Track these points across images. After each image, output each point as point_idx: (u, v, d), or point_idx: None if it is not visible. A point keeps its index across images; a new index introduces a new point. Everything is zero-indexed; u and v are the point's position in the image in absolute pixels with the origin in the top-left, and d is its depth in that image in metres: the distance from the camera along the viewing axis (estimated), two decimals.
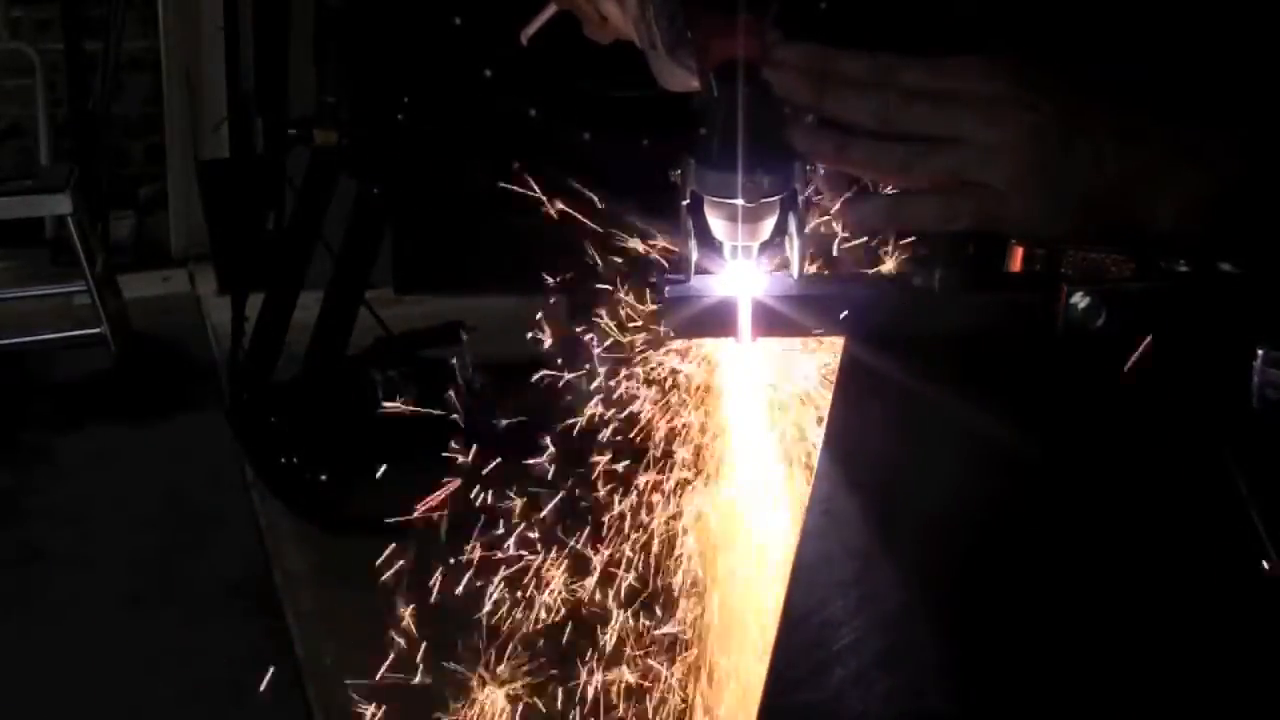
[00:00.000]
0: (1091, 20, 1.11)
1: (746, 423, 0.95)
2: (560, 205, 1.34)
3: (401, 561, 2.12)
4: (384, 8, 3.18)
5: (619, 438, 1.04)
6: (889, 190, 0.93)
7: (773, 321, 0.88)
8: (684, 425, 0.99)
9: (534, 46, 1.41)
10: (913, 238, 0.94)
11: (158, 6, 5.68)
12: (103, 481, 3.80)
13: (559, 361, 1.14)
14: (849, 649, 0.60)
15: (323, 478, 3.54)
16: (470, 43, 3.01)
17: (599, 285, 0.95)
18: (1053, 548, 0.67)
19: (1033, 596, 0.63)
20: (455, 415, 3.85)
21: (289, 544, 3.46)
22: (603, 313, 0.97)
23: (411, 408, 3.86)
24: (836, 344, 0.96)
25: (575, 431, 1.24)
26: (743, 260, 0.91)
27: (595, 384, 0.99)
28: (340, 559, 3.42)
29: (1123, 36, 1.08)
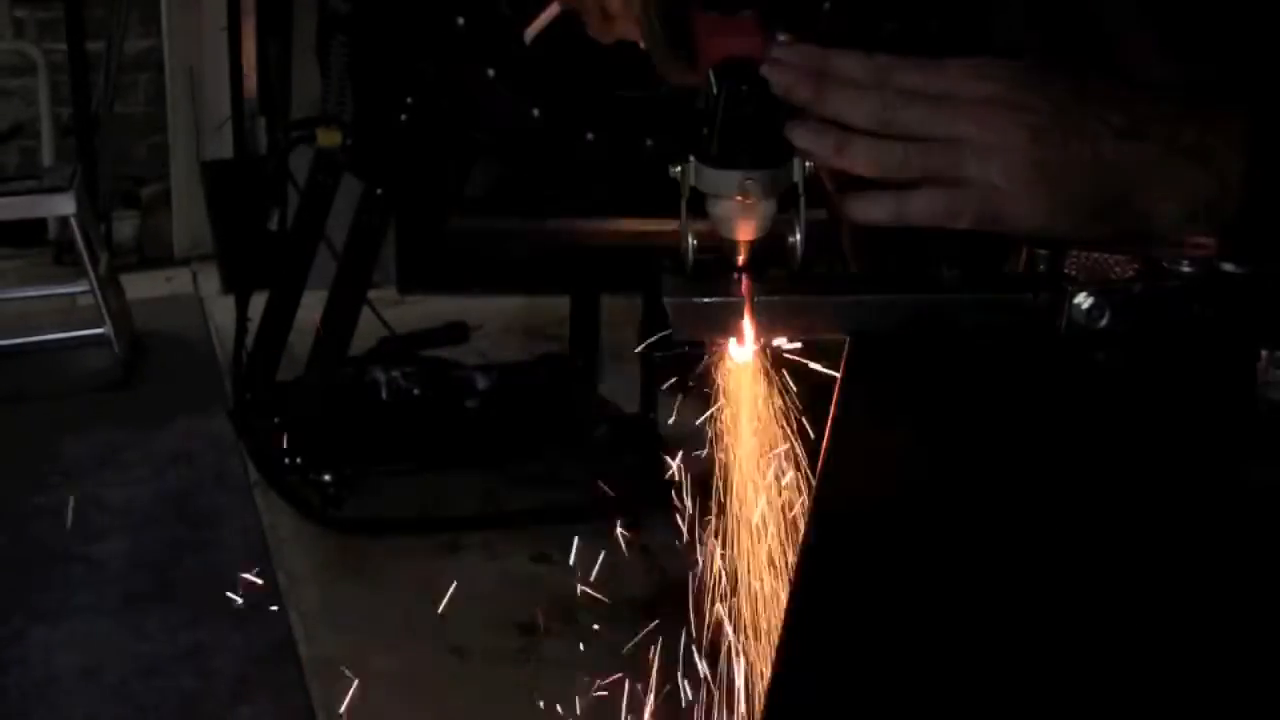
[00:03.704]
0: (1094, 21, 1.11)
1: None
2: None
3: None
4: (388, 8, 3.17)
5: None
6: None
7: (776, 321, 0.88)
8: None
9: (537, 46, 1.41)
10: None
11: (160, 6, 5.69)
12: (105, 481, 3.81)
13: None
14: (850, 649, 0.60)
15: (326, 478, 3.55)
16: (474, 42, 3.01)
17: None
18: (1059, 549, 0.67)
19: (1040, 598, 0.63)
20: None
21: (292, 544, 3.46)
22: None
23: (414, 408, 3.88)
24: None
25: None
26: (744, 258, 0.91)
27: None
28: (343, 559, 3.42)
29: (1124, 35, 1.08)
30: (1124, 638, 0.60)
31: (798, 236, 0.92)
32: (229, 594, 3.20)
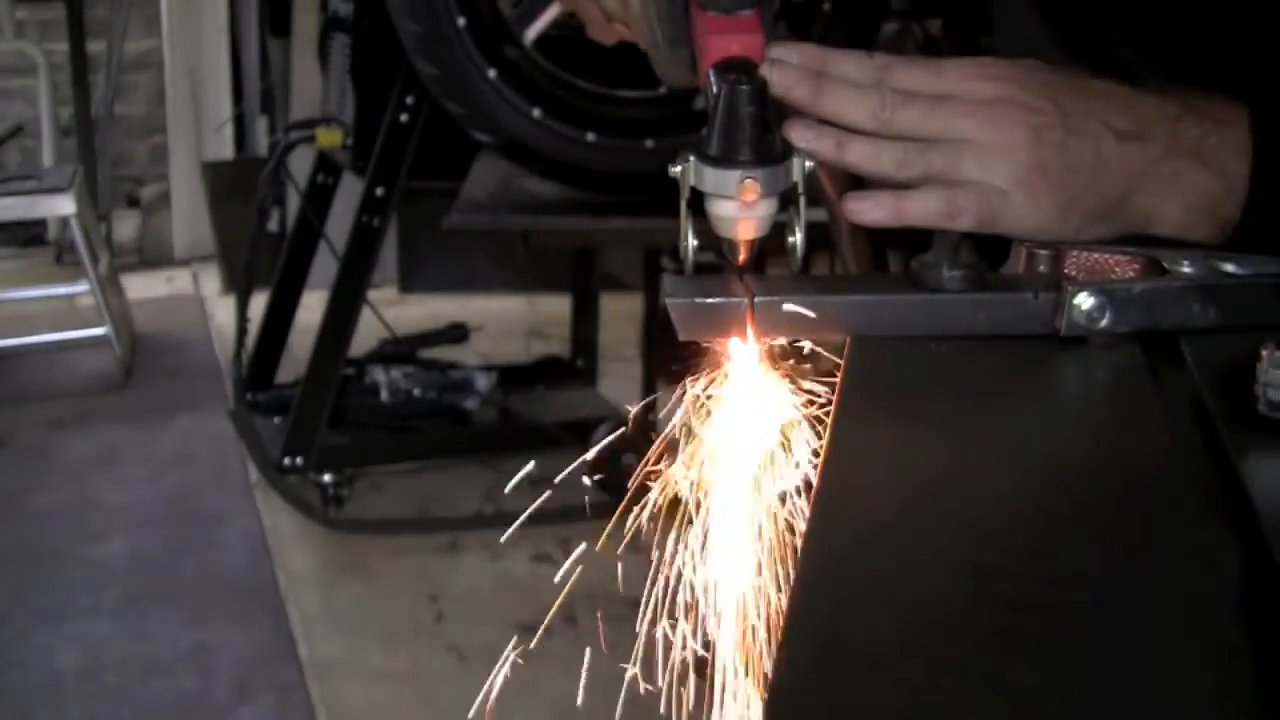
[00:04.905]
0: (1097, 22, 1.10)
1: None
2: None
3: None
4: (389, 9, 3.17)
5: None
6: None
7: (777, 321, 0.87)
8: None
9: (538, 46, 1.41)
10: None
11: (161, 7, 5.69)
12: (106, 482, 3.81)
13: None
14: (854, 654, 0.59)
15: (326, 478, 3.55)
16: (475, 43, 3.01)
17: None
18: (1058, 550, 0.67)
19: (1039, 598, 0.63)
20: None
21: (292, 544, 3.46)
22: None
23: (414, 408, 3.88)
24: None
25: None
26: (744, 258, 0.91)
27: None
28: (343, 559, 3.42)
29: (1126, 36, 1.08)
30: (1118, 644, 0.60)
31: (798, 236, 0.92)
32: (229, 594, 3.21)
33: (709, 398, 0.91)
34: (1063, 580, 0.64)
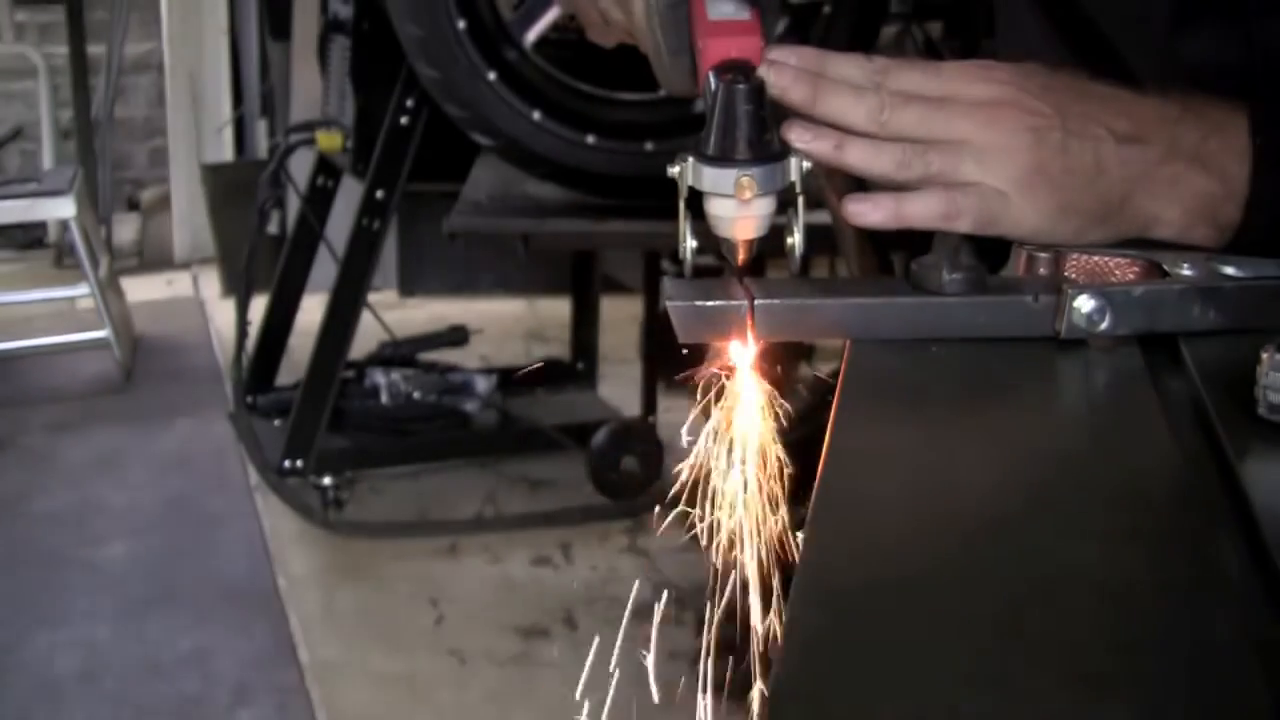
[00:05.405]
0: (1098, 24, 1.11)
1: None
2: None
3: None
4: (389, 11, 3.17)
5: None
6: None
7: (777, 324, 0.87)
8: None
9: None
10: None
11: (161, 9, 5.70)
12: (106, 485, 3.80)
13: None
14: (854, 655, 0.59)
15: (326, 481, 3.55)
16: (475, 46, 3.02)
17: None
18: (1057, 550, 0.67)
19: (1039, 598, 0.63)
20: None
21: (292, 547, 3.46)
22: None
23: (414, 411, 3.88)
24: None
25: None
26: (743, 258, 0.91)
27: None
28: (343, 562, 3.42)
29: (1127, 38, 1.08)
30: (1117, 646, 0.60)
31: (797, 238, 0.92)
32: (229, 597, 3.20)
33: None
34: (1062, 580, 0.64)
